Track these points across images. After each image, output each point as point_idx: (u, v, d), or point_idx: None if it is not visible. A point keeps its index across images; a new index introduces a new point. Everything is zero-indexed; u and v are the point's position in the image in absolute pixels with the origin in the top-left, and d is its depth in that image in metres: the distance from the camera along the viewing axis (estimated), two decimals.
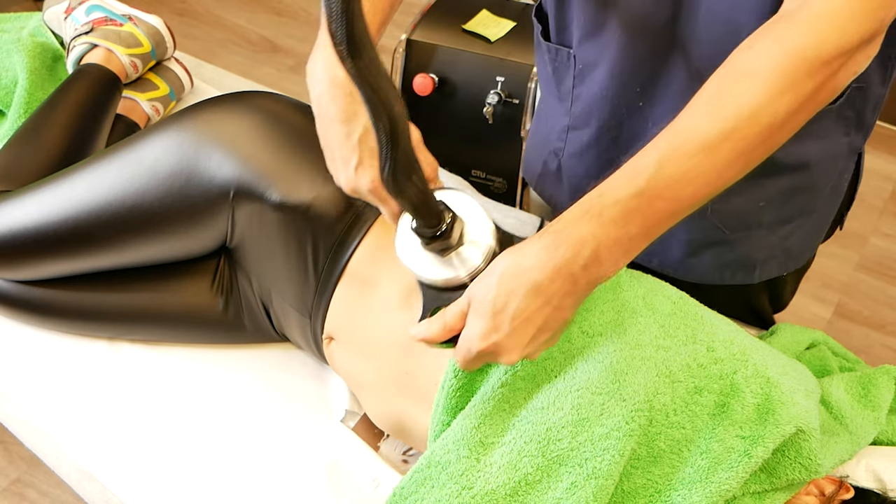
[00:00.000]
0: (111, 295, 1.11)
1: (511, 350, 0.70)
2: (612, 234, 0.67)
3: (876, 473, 0.88)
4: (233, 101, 1.07)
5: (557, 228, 0.69)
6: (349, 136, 0.82)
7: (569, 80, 1.00)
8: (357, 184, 0.83)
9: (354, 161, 0.82)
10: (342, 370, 1.05)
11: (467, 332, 0.71)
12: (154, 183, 1.02)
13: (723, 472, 0.76)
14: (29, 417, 1.08)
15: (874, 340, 1.96)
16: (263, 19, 2.86)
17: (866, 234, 2.19)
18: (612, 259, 0.69)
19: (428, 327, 0.74)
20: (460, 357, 0.73)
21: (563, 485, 0.76)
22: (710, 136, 0.66)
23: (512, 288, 0.68)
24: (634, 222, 0.67)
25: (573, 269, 0.68)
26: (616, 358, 0.82)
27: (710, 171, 0.67)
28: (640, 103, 0.94)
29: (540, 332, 0.70)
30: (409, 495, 0.78)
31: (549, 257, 0.68)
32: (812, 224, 1.04)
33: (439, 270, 0.74)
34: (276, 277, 1.05)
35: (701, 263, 1.04)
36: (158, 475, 1.01)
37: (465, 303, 0.72)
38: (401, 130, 0.60)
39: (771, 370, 0.83)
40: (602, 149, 1.01)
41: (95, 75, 1.40)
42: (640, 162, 0.68)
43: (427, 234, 0.70)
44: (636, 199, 0.67)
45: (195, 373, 1.12)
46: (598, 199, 0.68)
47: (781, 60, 0.66)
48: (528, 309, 0.69)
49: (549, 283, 0.68)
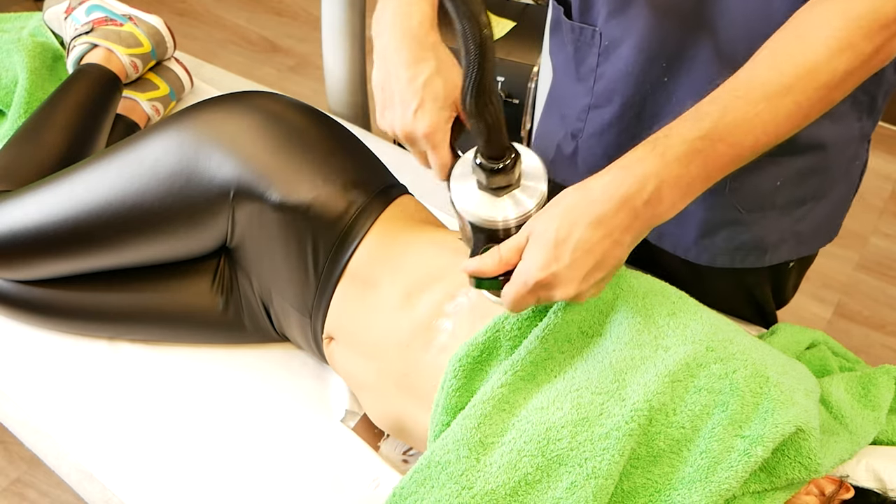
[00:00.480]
0: (111, 295, 1.11)
1: (568, 282, 0.72)
2: (674, 172, 0.70)
3: (876, 473, 0.88)
4: (233, 101, 1.07)
5: (623, 164, 0.72)
6: (413, 80, 0.82)
7: (592, 58, 1.00)
8: (414, 127, 0.82)
9: (415, 104, 0.82)
10: (342, 370, 1.05)
11: (525, 264, 0.73)
12: (154, 183, 1.02)
13: (722, 472, 0.76)
14: (29, 417, 1.08)
15: (874, 340, 1.96)
16: (263, 19, 2.86)
17: (866, 234, 2.19)
18: (672, 199, 0.72)
19: (481, 261, 0.76)
20: (513, 291, 0.74)
21: (563, 484, 0.76)
22: (771, 88, 0.71)
23: (575, 219, 0.71)
24: (696, 163, 0.71)
25: (636, 204, 0.70)
26: (615, 358, 0.82)
27: (770, 121, 0.71)
28: (665, 79, 0.94)
29: (597, 268, 0.72)
30: (409, 495, 0.78)
31: (615, 190, 0.71)
32: (823, 210, 1.04)
33: (493, 211, 0.76)
34: (276, 277, 1.05)
35: (714, 245, 1.05)
36: (158, 475, 1.01)
37: (522, 237, 0.74)
38: (489, 48, 0.63)
39: (771, 370, 0.83)
40: (623, 126, 1.01)
41: (95, 75, 1.40)
42: (705, 108, 0.72)
43: (491, 168, 0.73)
44: (700, 140, 0.70)
45: (195, 373, 1.12)
46: (663, 139, 0.72)
47: (842, 21, 0.70)
48: (590, 240, 0.71)
49: (612, 216, 0.71)
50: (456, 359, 0.86)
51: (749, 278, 1.12)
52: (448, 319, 0.92)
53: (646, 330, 0.85)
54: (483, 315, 0.90)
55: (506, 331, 0.86)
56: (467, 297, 0.92)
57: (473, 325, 0.90)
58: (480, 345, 0.86)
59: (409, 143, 0.85)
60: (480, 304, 0.91)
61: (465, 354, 0.85)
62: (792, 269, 1.13)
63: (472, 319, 0.91)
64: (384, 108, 0.86)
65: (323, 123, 1.09)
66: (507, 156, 0.73)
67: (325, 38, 1.72)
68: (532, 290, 0.73)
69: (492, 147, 0.72)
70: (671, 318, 0.87)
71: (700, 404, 0.79)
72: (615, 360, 0.82)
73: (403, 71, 0.83)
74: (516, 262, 0.74)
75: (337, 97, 1.79)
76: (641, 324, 0.86)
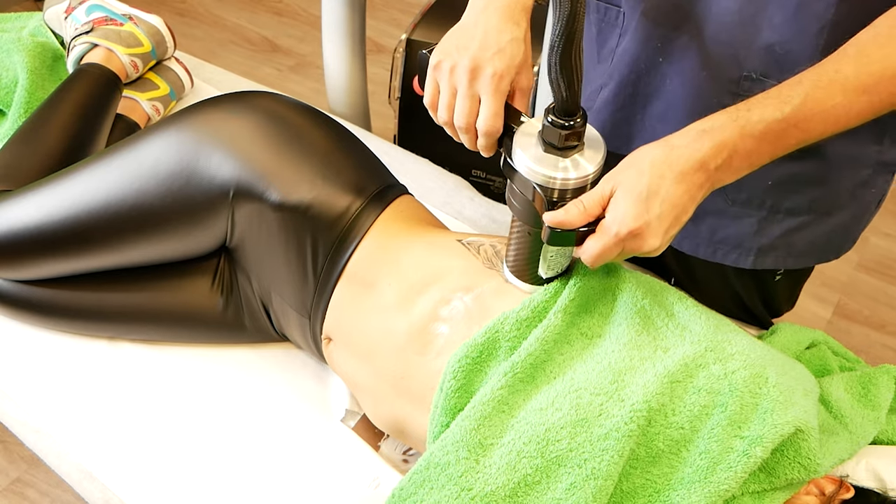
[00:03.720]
0: (111, 295, 1.11)
1: (656, 233, 0.75)
2: (748, 145, 0.76)
3: (876, 473, 0.88)
4: (233, 101, 1.07)
5: (704, 128, 0.76)
6: (501, 33, 0.84)
7: (613, 39, 1.01)
8: (488, 63, 0.82)
9: (496, 48, 0.83)
10: (340, 371, 1.05)
11: (618, 214, 0.75)
12: (154, 183, 1.02)
13: (722, 472, 0.76)
14: (29, 417, 1.08)
15: (874, 340, 1.96)
16: (263, 19, 2.86)
17: (866, 234, 2.19)
18: (739, 167, 0.77)
19: (566, 211, 0.78)
20: (601, 243, 0.76)
21: (563, 485, 0.76)
22: (853, 84, 0.75)
23: (663, 172, 0.75)
24: (767, 141, 0.76)
25: (710, 167, 0.76)
26: (615, 358, 0.82)
27: (843, 114, 0.76)
28: (660, 59, 0.95)
29: (676, 221, 0.76)
30: (409, 496, 0.78)
31: (697, 149, 0.75)
32: (826, 228, 1.03)
33: (556, 171, 0.78)
34: (275, 277, 1.05)
35: (698, 232, 1.05)
36: (158, 475, 1.01)
37: (606, 189, 0.77)
38: (582, 4, 0.68)
39: (770, 370, 0.83)
40: (617, 107, 1.02)
41: (96, 75, 1.40)
42: (787, 92, 0.76)
43: (563, 124, 0.76)
44: (778, 123, 0.76)
45: (195, 372, 1.12)
46: (745, 113, 0.76)
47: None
48: (675, 193, 0.75)
49: (692, 173, 0.75)
50: (455, 359, 0.85)
51: (735, 283, 1.12)
52: (444, 324, 0.92)
53: (645, 331, 0.85)
54: (479, 319, 0.90)
55: (504, 332, 0.86)
56: (462, 302, 0.92)
57: (470, 329, 0.90)
58: (479, 346, 0.86)
59: (469, 81, 0.83)
60: (476, 309, 0.91)
61: (464, 355, 0.85)
62: (779, 281, 1.12)
63: (469, 324, 0.91)
64: (457, 49, 0.84)
65: (323, 123, 1.09)
66: (580, 114, 0.77)
67: (325, 38, 1.72)
68: (622, 239, 0.76)
69: (569, 102, 0.75)
70: (670, 319, 0.87)
71: (699, 405, 0.79)
72: (614, 361, 0.82)
73: (495, 22, 0.84)
74: (598, 215, 0.77)
75: (337, 97, 1.79)
76: (640, 325, 0.86)
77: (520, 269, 0.90)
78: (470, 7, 0.88)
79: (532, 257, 0.88)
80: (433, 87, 0.87)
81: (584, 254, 0.78)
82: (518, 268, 0.90)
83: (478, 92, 0.83)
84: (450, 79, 0.84)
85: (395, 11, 2.86)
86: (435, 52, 0.86)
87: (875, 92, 0.75)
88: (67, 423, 1.07)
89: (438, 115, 0.87)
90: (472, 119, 0.84)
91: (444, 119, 0.86)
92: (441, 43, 0.87)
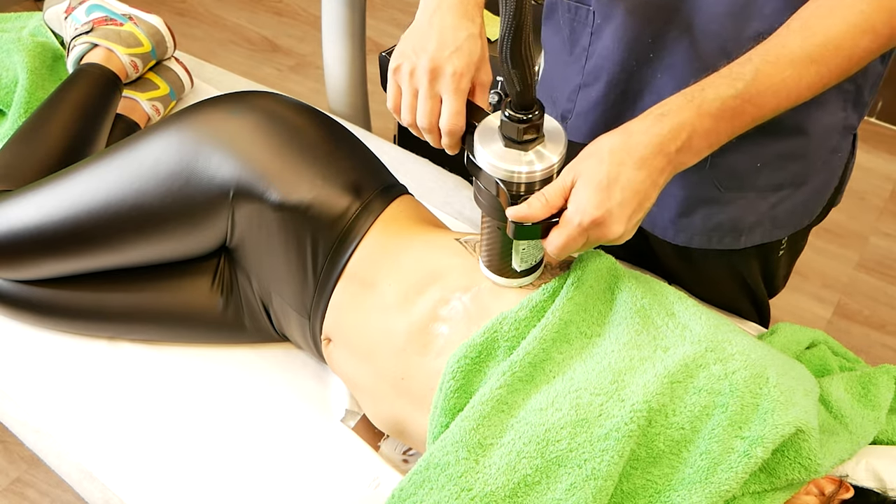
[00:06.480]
0: (111, 295, 1.11)
1: (619, 221, 0.76)
2: (706, 125, 0.77)
3: (876, 473, 0.88)
4: (233, 101, 1.07)
5: (661, 112, 0.77)
6: (457, 30, 0.85)
7: (585, 38, 1.02)
8: (447, 62, 0.84)
9: (453, 47, 0.84)
10: (340, 371, 1.05)
11: (579, 204, 0.76)
12: (154, 183, 1.02)
13: (722, 473, 0.76)
14: (29, 417, 1.08)
15: (874, 340, 1.96)
16: (263, 19, 2.86)
17: (866, 234, 2.19)
18: (699, 148, 0.78)
19: (529, 205, 0.78)
20: (565, 233, 0.77)
21: (563, 486, 0.76)
22: (799, 57, 0.77)
23: (622, 159, 0.76)
24: (726, 119, 0.77)
25: (670, 150, 0.76)
26: (614, 358, 0.82)
27: (794, 87, 0.77)
28: (651, 55, 0.95)
29: (639, 207, 0.77)
30: (409, 497, 0.78)
31: (655, 134, 0.76)
32: (801, 197, 1.05)
33: (519, 165, 0.79)
34: (275, 277, 1.05)
35: (692, 224, 1.06)
36: (158, 475, 1.01)
37: (567, 179, 0.78)
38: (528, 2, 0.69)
39: (770, 370, 0.83)
40: (608, 105, 1.02)
41: (96, 75, 1.40)
42: (737, 69, 0.78)
43: (520, 118, 0.77)
44: (733, 99, 0.77)
45: (195, 372, 1.12)
46: (700, 92, 0.77)
47: (868, 5, 0.76)
48: (636, 180, 0.76)
49: (652, 158, 0.76)
50: (454, 360, 0.85)
51: (738, 264, 1.13)
52: (444, 324, 0.92)
53: (645, 331, 0.85)
54: (478, 319, 0.90)
55: (503, 332, 0.86)
56: (461, 302, 0.92)
57: (469, 329, 0.90)
58: (478, 345, 0.86)
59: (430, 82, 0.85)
60: (474, 308, 0.91)
61: (463, 355, 0.85)
62: (782, 257, 1.14)
63: (468, 324, 0.91)
64: (413, 47, 0.86)
65: (323, 123, 1.09)
66: (536, 106, 0.77)
67: (325, 38, 1.72)
68: (585, 229, 0.76)
69: (524, 95, 0.76)
70: (670, 319, 0.87)
71: (700, 405, 0.79)
72: (614, 361, 0.82)
73: (450, 20, 0.85)
74: (560, 205, 0.78)
75: (337, 97, 1.79)
76: (640, 324, 0.86)
77: (494, 265, 0.91)
78: (422, 8, 0.89)
79: (504, 252, 0.88)
80: (395, 90, 0.89)
81: (549, 245, 0.79)
82: (492, 263, 0.91)
83: (439, 92, 0.85)
84: (410, 81, 0.86)
85: (395, 11, 2.86)
86: (393, 56, 0.88)
87: (822, 62, 0.77)
88: (67, 423, 1.07)
89: (402, 118, 0.89)
90: (434, 119, 0.86)
91: (407, 121, 0.88)
92: (398, 45, 0.88)
